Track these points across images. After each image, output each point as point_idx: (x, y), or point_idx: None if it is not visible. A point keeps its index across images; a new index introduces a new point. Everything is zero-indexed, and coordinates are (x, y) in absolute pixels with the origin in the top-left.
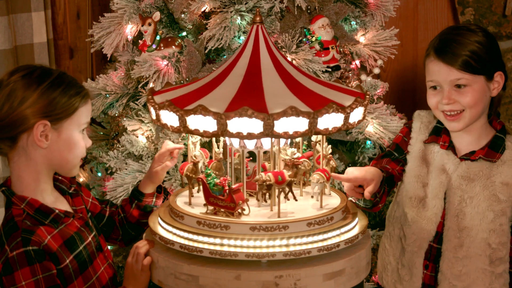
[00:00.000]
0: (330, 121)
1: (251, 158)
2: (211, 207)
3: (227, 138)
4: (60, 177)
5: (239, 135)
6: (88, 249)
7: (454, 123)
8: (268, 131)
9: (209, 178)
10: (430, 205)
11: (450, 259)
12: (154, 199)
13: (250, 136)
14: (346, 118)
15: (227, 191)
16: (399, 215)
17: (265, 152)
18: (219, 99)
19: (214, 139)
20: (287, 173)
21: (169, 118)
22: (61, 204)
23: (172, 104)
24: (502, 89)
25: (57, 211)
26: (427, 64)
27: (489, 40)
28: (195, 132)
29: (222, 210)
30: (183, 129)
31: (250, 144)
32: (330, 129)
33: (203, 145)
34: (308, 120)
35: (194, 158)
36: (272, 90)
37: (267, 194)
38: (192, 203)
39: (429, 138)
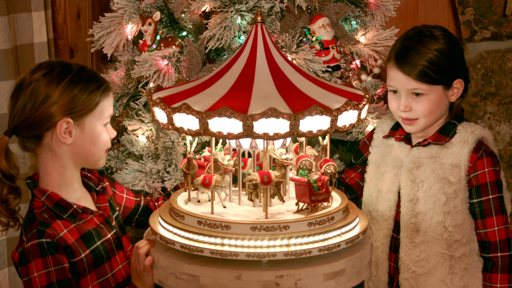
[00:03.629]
0: (314, 123)
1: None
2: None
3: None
4: (89, 174)
5: (220, 135)
6: (106, 245)
7: (409, 127)
8: (248, 132)
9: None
10: (384, 199)
11: (407, 245)
12: None
13: (230, 135)
14: (333, 121)
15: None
16: (365, 214)
17: None
18: (207, 98)
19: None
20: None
21: (160, 115)
22: (85, 201)
23: (162, 101)
24: (461, 96)
25: (75, 206)
26: (388, 68)
27: (450, 48)
28: (180, 130)
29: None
30: (171, 127)
31: (246, 144)
32: (314, 131)
33: (203, 145)
34: (289, 122)
35: (189, 154)
36: (260, 90)
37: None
38: (192, 200)
39: (389, 132)
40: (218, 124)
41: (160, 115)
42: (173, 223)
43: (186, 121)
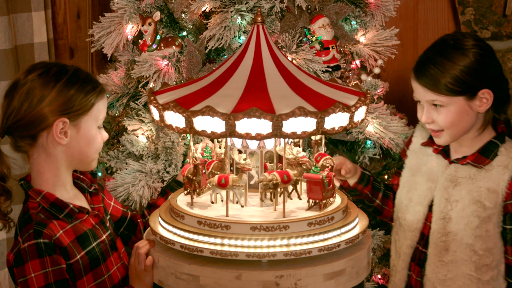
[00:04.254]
0: (337, 120)
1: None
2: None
3: (228, 139)
4: (81, 176)
5: (247, 136)
6: (102, 246)
7: (437, 139)
8: (277, 132)
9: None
10: (414, 210)
11: (435, 263)
12: None
13: (258, 136)
14: (351, 117)
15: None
16: (395, 219)
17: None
18: (225, 100)
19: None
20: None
21: (175, 119)
22: (79, 201)
23: (178, 105)
24: (495, 106)
25: (71, 205)
26: (411, 78)
27: (480, 60)
28: (202, 133)
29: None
30: (190, 130)
31: (253, 144)
32: (336, 128)
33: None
34: (315, 120)
35: (195, 160)
36: (276, 91)
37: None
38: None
39: (427, 141)
40: (246, 125)
41: (175, 119)
42: (173, 223)
43: (210, 124)
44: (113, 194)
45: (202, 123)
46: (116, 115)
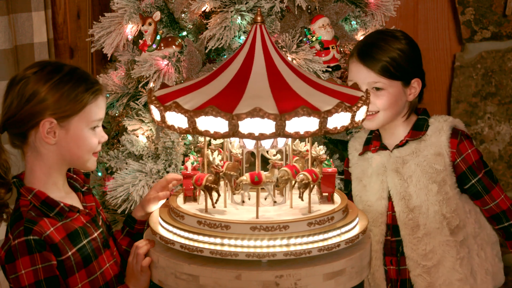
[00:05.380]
0: (339, 120)
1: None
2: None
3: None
4: (74, 176)
5: (250, 136)
6: (93, 244)
7: (368, 122)
8: (280, 131)
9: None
10: (375, 209)
11: (411, 241)
12: (145, 227)
13: (262, 136)
14: (353, 117)
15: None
16: None
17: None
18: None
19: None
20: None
21: (177, 119)
22: (70, 200)
23: (180, 105)
24: (418, 95)
25: (62, 204)
26: (350, 64)
27: (411, 49)
28: (205, 134)
29: None
30: (192, 131)
31: (250, 144)
32: (338, 128)
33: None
34: (318, 119)
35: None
36: (302, 90)
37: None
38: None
39: (362, 149)
40: (249, 125)
41: (177, 119)
42: (173, 223)
43: (213, 124)
44: (113, 194)
45: (205, 123)
46: (116, 115)
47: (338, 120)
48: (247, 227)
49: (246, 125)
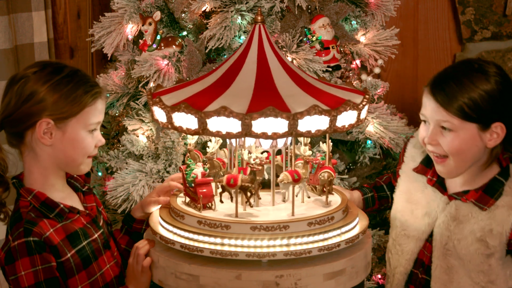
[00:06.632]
0: (347, 118)
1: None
2: (188, 198)
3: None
4: (75, 175)
5: (263, 135)
6: (93, 245)
7: (439, 166)
8: (292, 130)
9: (187, 169)
10: (409, 241)
11: None
12: (143, 227)
13: (275, 135)
14: (359, 115)
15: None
16: (391, 230)
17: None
18: (237, 100)
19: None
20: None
21: (186, 120)
22: (71, 200)
23: (189, 106)
24: (503, 144)
25: (62, 205)
26: (423, 94)
27: (501, 89)
28: (216, 134)
29: (192, 201)
30: (203, 132)
31: (266, 144)
32: (346, 126)
33: (202, 146)
34: (329, 118)
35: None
36: (286, 90)
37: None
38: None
39: (419, 166)
40: (262, 125)
41: (186, 120)
42: (173, 223)
43: (225, 124)
44: (113, 194)
45: (217, 123)
46: (116, 115)
47: (347, 119)
48: (247, 227)
49: (260, 125)
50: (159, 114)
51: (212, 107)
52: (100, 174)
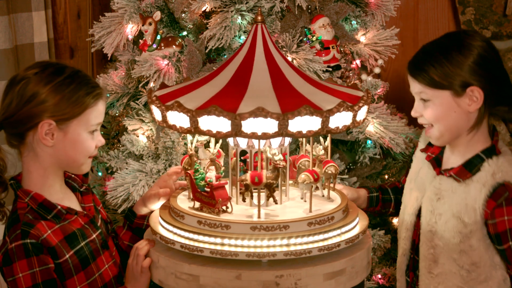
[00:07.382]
0: (341, 119)
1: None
2: (198, 203)
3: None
4: (73, 175)
5: (253, 135)
6: (91, 246)
7: (428, 134)
8: (283, 131)
9: (196, 174)
10: (405, 218)
11: (425, 274)
12: (145, 223)
13: (264, 136)
14: (354, 116)
15: (210, 187)
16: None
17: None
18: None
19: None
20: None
21: (179, 119)
22: (69, 201)
23: (182, 105)
24: (487, 106)
25: (59, 207)
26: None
27: (473, 55)
28: (207, 133)
29: (206, 206)
30: (194, 130)
31: (243, 143)
32: (340, 127)
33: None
34: (321, 119)
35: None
36: (303, 89)
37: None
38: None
39: (425, 147)
40: (252, 124)
41: (179, 119)
42: (173, 223)
43: (216, 123)
44: (113, 194)
45: (208, 122)
46: (116, 114)
47: (340, 120)
48: (247, 227)
49: (249, 125)
50: (181, 119)
51: (246, 109)
52: (100, 174)
